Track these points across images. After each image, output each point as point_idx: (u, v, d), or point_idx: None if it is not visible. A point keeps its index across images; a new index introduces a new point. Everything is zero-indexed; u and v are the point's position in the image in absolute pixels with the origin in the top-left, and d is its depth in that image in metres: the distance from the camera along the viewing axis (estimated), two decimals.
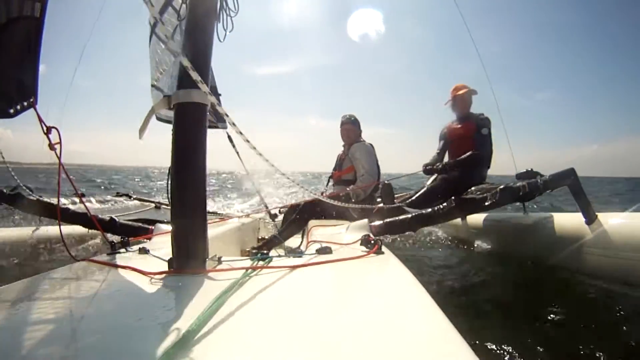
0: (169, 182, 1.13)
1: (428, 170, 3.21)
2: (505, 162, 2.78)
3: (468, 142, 3.03)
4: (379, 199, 2.91)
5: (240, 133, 1.29)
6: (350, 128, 2.96)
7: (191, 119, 1.11)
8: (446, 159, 3.34)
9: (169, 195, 1.13)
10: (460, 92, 3.09)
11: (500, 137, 3.01)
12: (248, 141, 1.34)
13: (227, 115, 1.18)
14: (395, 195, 3.08)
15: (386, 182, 2.85)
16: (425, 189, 3.19)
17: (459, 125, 3.15)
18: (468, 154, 2.96)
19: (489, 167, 3.06)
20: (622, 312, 1.95)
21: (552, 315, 1.97)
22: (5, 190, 2.53)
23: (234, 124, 1.24)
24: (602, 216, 1.89)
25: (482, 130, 2.96)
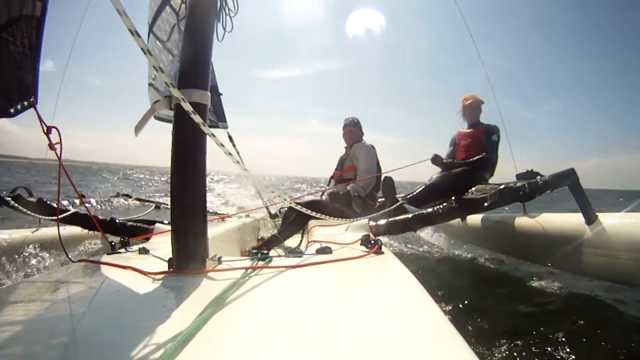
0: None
1: (437, 160, 3.27)
2: (509, 172, 2.84)
3: (476, 144, 3.18)
4: (380, 199, 2.90)
5: (214, 135, 1.23)
6: (353, 130, 3.06)
7: (191, 119, 1.11)
8: None
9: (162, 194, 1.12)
10: (469, 101, 3.31)
11: (502, 143, 3.14)
12: (223, 145, 1.27)
13: (205, 125, 1.11)
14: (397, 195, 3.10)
15: (387, 176, 2.84)
16: (426, 185, 3.22)
17: (469, 130, 3.33)
18: (480, 156, 3.10)
19: (492, 175, 3.12)
20: (622, 313, 1.95)
21: (551, 314, 1.97)
22: (5, 193, 2.53)
23: (212, 135, 1.18)
24: (602, 216, 1.89)
25: (493, 137, 3.14)
